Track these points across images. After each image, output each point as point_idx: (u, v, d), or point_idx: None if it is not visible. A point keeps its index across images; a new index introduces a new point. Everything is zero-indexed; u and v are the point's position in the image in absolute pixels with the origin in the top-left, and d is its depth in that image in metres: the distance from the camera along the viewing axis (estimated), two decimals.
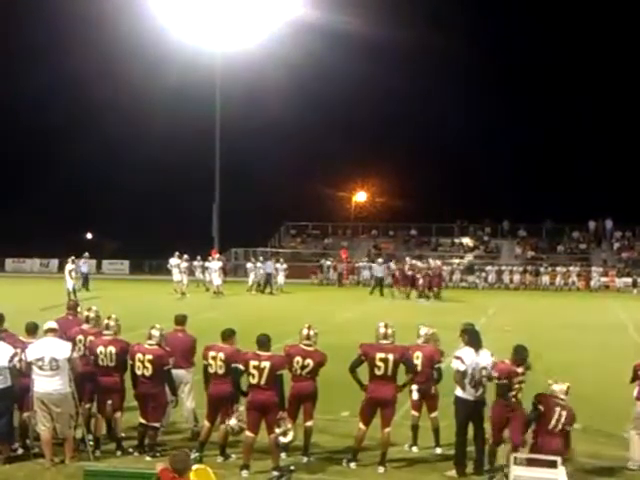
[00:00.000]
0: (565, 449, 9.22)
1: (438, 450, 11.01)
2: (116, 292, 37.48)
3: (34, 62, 64.62)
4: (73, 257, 35.41)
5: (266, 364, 9.88)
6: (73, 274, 34.03)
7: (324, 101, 64.01)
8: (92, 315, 11.66)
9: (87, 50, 60.81)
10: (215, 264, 37.47)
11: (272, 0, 45.17)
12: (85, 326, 11.58)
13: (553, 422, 9.19)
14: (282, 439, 9.83)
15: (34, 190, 67.98)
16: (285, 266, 41.59)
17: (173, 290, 35.91)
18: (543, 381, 9.60)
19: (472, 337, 10.22)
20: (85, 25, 61.29)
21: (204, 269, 40.11)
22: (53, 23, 61.08)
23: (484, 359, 10.05)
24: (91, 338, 11.20)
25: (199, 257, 41.83)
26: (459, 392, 10.03)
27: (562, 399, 9.26)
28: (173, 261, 37.18)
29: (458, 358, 10.01)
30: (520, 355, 9.76)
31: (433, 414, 11.07)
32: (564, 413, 9.17)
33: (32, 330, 10.93)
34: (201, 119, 52.76)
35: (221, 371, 10.37)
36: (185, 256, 37.48)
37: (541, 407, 9.32)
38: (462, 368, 9.92)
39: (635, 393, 10.53)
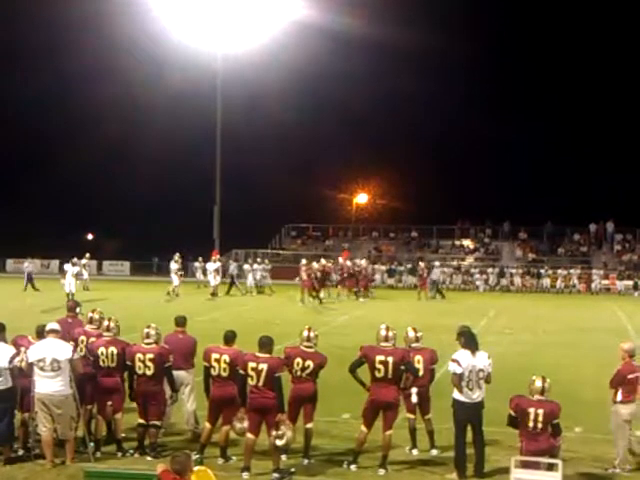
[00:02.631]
0: (551, 447, 9.23)
1: (434, 452, 11.02)
2: (116, 293, 37.48)
3: (34, 63, 64.66)
4: (75, 259, 35.29)
5: (263, 366, 9.89)
6: (69, 276, 33.45)
7: (325, 102, 64.06)
8: (96, 317, 11.72)
9: (88, 51, 60.95)
10: (211, 265, 37.45)
11: (273, 1, 45.19)
12: (88, 327, 11.64)
13: (531, 424, 9.20)
14: (278, 442, 9.83)
15: (35, 191, 67.93)
16: (269, 267, 41.59)
17: (171, 291, 35.80)
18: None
19: (468, 339, 10.23)
20: (86, 26, 61.43)
21: (204, 270, 40.04)
22: (54, 24, 61.08)
23: (481, 361, 10.06)
24: (93, 339, 11.23)
25: (201, 258, 41.72)
26: (456, 395, 10.04)
27: (538, 398, 9.27)
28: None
29: (455, 361, 10.02)
30: None
31: (427, 416, 11.10)
32: (540, 411, 9.16)
33: (41, 333, 10.82)
34: (202, 120, 52.84)
35: (225, 373, 10.38)
36: (175, 257, 37.26)
37: (512, 412, 9.37)
38: (459, 371, 9.94)
39: (620, 397, 10.53)
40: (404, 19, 57.16)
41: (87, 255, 41.11)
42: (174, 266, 36.42)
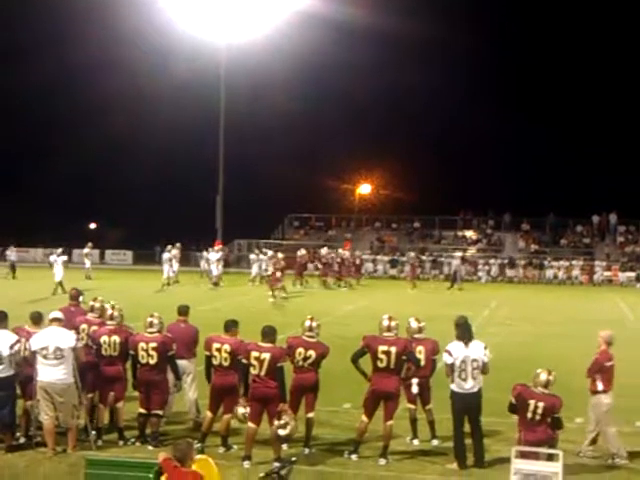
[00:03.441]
0: (549, 438, 9.26)
1: (435, 442, 11.07)
2: (119, 282, 37.51)
3: (39, 53, 64.52)
4: (59, 249, 34.40)
5: (266, 355, 9.92)
6: (57, 265, 32.21)
7: (328, 93, 63.90)
8: (97, 305, 11.76)
9: (92, 41, 60.81)
10: (214, 255, 37.45)
11: None
12: (90, 315, 11.66)
13: (529, 414, 9.26)
14: (281, 431, 9.85)
15: (38, 181, 67.99)
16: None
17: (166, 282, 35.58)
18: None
19: (461, 330, 10.29)
20: (91, 17, 61.28)
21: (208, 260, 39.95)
22: (59, 15, 60.92)
23: (475, 352, 10.08)
24: (95, 328, 11.26)
25: (210, 249, 41.59)
26: (452, 385, 10.12)
27: (541, 391, 9.29)
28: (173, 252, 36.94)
29: (447, 351, 10.14)
30: None
31: (428, 406, 11.16)
32: (541, 404, 9.21)
33: (37, 320, 10.94)
34: (206, 110, 52.68)
35: (226, 363, 10.40)
36: (168, 247, 37.05)
37: (513, 400, 9.41)
38: (449, 361, 10.07)
39: (600, 386, 10.59)
40: (408, 10, 56.99)
41: (89, 244, 41.05)
42: (166, 255, 36.14)
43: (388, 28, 53.75)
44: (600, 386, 10.59)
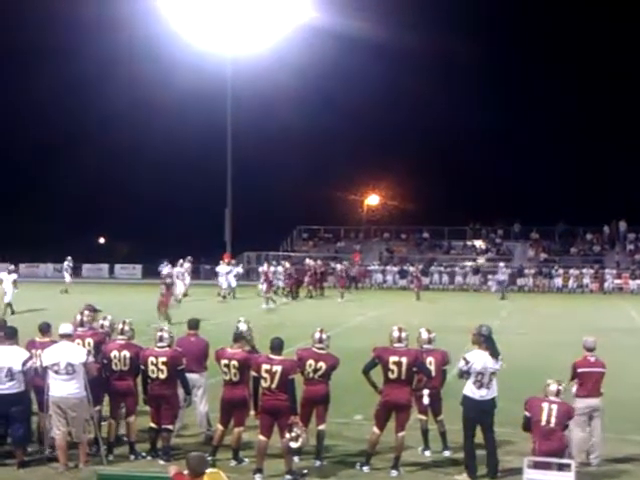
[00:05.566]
0: (564, 447, 9.23)
1: (447, 452, 11.02)
2: (128, 297, 37.54)
3: (45, 66, 64.78)
4: (12, 266, 31.43)
5: (277, 368, 9.89)
6: (6, 283, 28.53)
7: (335, 105, 64.11)
8: (86, 319, 11.76)
9: (98, 55, 61.11)
10: (223, 268, 37.44)
11: (283, 4, 45.26)
12: (80, 330, 11.53)
13: (544, 418, 9.22)
14: (293, 444, 9.83)
15: (46, 196, 68.17)
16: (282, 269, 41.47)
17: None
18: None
19: (489, 344, 10.18)
20: (96, 29, 61.58)
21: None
22: (65, 27, 61.22)
23: (494, 363, 10.05)
24: (89, 340, 11.18)
25: (221, 261, 41.40)
26: (466, 391, 10.07)
27: (553, 399, 9.31)
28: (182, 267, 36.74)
29: (463, 358, 10.11)
30: None
31: (439, 417, 11.11)
32: (555, 407, 9.22)
33: (45, 330, 11.01)
34: (213, 124, 52.93)
35: (236, 378, 10.37)
36: (180, 261, 36.81)
37: (527, 413, 9.41)
38: (464, 368, 10.03)
39: (574, 390, 10.64)
40: (414, 22, 57.17)
41: (68, 258, 40.77)
42: (178, 270, 35.82)
43: (394, 40, 53.95)
44: (573, 390, 10.63)
